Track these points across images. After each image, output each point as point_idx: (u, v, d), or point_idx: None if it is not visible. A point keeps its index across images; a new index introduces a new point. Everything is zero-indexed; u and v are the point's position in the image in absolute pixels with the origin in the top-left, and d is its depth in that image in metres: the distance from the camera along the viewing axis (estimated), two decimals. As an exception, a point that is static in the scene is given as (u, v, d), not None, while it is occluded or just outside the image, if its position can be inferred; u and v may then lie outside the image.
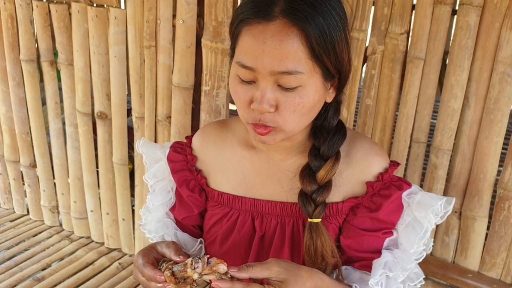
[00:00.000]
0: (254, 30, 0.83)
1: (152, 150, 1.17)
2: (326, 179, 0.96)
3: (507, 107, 1.51)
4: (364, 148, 1.01)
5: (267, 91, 0.85)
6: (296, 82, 0.84)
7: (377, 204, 0.99)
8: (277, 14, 0.82)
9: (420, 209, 0.97)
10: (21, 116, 2.36)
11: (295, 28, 0.81)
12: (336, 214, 1.01)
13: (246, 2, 0.87)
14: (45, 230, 2.48)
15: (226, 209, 1.08)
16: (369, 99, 1.69)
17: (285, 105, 0.86)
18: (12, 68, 2.27)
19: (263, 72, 0.84)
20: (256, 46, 0.83)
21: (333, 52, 0.85)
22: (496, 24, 1.48)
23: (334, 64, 0.87)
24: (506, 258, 1.61)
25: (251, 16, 0.84)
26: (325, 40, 0.83)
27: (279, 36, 0.81)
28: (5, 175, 2.58)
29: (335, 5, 0.85)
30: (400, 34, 1.61)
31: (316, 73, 0.86)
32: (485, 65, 1.52)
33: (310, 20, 0.81)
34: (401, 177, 1.06)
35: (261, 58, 0.83)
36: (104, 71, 2.00)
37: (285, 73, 0.83)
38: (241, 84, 0.88)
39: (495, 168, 1.58)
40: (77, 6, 1.96)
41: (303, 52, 0.82)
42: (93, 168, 2.24)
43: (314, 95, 0.87)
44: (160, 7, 1.78)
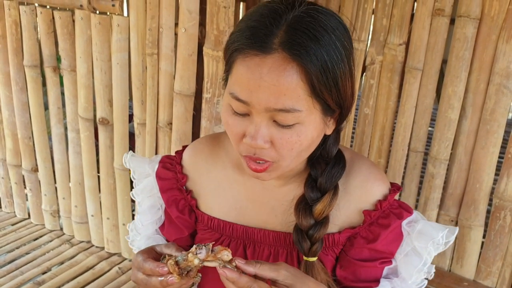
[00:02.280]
0: (250, 62, 0.76)
1: (140, 165, 1.10)
2: (323, 214, 0.89)
3: (503, 118, 1.54)
4: (362, 174, 0.94)
5: (261, 127, 0.79)
6: (293, 120, 0.78)
7: (375, 234, 0.92)
8: (276, 46, 0.75)
9: (420, 239, 0.91)
10: (23, 120, 2.38)
11: (294, 63, 0.74)
12: (332, 245, 0.95)
13: (242, 29, 0.79)
14: (46, 234, 2.49)
15: (216, 235, 1.01)
16: (367, 108, 1.71)
17: (281, 142, 0.80)
18: (15, 73, 2.29)
19: (258, 107, 0.77)
20: (251, 80, 0.76)
21: (335, 88, 0.78)
22: (493, 37, 1.50)
23: (336, 100, 0.80)
24: (502, 267, 1.63)
25: (248, 47, 0.76)
26: (327, 76, 0.76)
27: (277, 71, 0.74)
28: (7, 179, 2.60)
29: (340, 35, 0.78)
30: (399, 45, 1.63)
31: (316, 109, 0.79)
32: (482, 77, 1.54)
33: (312, 55, 0.74)
34: (402, 202, 0.98)
35: (256, 93, 0.76)
36: (107, 78, 2.03)
37: (282, 111, 0.76)
38: (234, 115, 0.82)
39: (491, 178, 1.60)
40: (81, 13, 1.99)
41: (302, 88, 0.75)
42: (94, 173, 2.26)
43: (313, 132, 0.81)
44: (163, 16, 1.80)
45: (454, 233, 0.91)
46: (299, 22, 0.76)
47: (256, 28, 0.77)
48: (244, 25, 0.80)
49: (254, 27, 0.77)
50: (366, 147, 1.75)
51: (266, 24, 0.76)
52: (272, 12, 0.77)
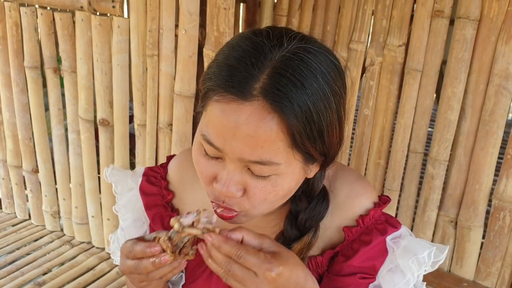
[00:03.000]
0: (226, 107, 0.68)
1: (122, 178, 1.05)
2: (301, 255, 0.84)
3: (502, 119, 1.54)
4: (344, 191, 0.88)
5: (234, 175, 0.72)
6: (269, 172, 0.71)
7: (354, 251, 0.87)
8: (256, 93, 0.67)
9: (404, 256, 0.85)
10: (24, 122, 2.38)
11: (275, 114, 0.67)
12: (316, 268, 0.90)
13: (221, 66, 0.71)
14: (46, 235, 2.50)
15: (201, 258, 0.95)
16: (367, 109, 1.72)
17: (254, 191, 0.73)
18: (16, 74, 2.29)
19: (231, 156, 0.71)
20: (226, 128, 0.69)
21: (320, 139, 0.71)
22: (492, 38, 1.51)
23: (320, 150, 0.73)
24: (501, 267, 1.64)
25: (224, 90, 0.68)
26: (311, 128, 0.69)
27: (255, 122, 0.67)
28: (7, 180, 2.60)
29: (330, 79, 0.71)
30: (398, 46, 1.64)
31: (296, 160, 0.72)
32: (481, 78, 1.55)
33: (296, 106, 0.67)
34: (390, 216, 0.91)
35: (230, 142, 0.69)
36: (107, 79, 2.03)
37: (258, 163, 0.70)
38: (205, 157, 0.75)
39: (490, 179, 1.61)
40: (81, 14, 1.99)
41: (282, 140, 0.69)
42: (95, 174, 2.26)
43: (290, 182, 0.75)
44: (163, 17, 1.81)
45: (443, 252, 0.85)
46: (286, 65, 0.68)
47: (235, 69, 0.69)
48: (223, 61, 0.71)
49: (234, 67, 0.69)
50: (366, 148, 1.75)
51: (247, 65, 0.68)
52: (256, 50, 0.69)
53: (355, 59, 1.70)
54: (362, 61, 1.71)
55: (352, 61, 1.70)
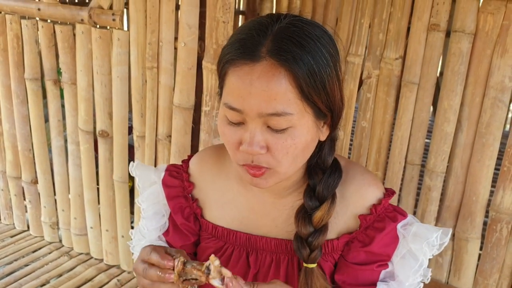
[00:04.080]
0: (240, 72, 0.80)
1: (146, 173, 1.12)
2: (322, 222, 0.92)
3: (498, 131, 1.55)
4: (357, 180, 0.97)
5: (256, 133, 0.81)
6: (286, 124, 0.81)
7: (370, 237, 0.95)
8: (263, 54, 0.79)
9: (415, 241, 0.93)
10: (23, 133, 2.40)
11: (282, 69, 0.78)
12: (331, 251, 0.98)
13: (232, 42, 0.84)
14: (45, 246, 2.50)
15: (220, 243, 1.04)
16: (364, 121, 1.73)
17: (276, 147, 0.82)
18: (16, 86, 2.31)
19: (251, 114, 0.80)
20: (242, 88, 0.80)
21: (324, 91, 0.82)
22: (488, 51, 1.52)
23: (326, 103, 0.84)
24: (499, 279, 1.64)
25: (237, 57, 0.81)
26: (315, 80, 0.80)
27: (266, 77, 0.78)
28: (6, 191, 2.61)
29: (325, 42, 0.83)
30: (395, 59, 1.65)
31: (307, 113, 0.82)
32: (477, 91, 1.56)
33: (298, 60, 0.78)
34: (396, 206, 1.01)
35: (248, 100, 0.80)
36: (107, 91, 2.05)
37: (274, 115, 0.79)
38: (230, 125, 0.85)
39: (487, 191, 1.61)
40: (82, 27, 2.01)
41: (292, 92, 0.79)
42: (94, 185, 2.27)
43: (307, 135, 0.84)
44: (163, 30, 1.83)
45: (447, 234, 0.93)
46: (285, 31, 0.81)
47: (244, 40, 0.82)
48: (234, 38, 0.85)
49: (243, 39, 0.82)
50: (364, 159, 1.76)
51: (254, 36, 0.81)
52: (259, 25, 0.83)
53: (352, 72, 1.72)
54: (359, 74, 1.72)
55: (350, 74, 1.72)
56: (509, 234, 1.59)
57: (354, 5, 1.69)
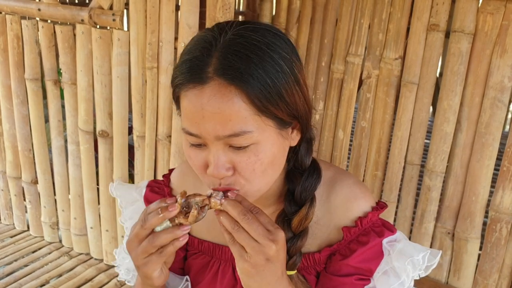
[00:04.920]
0: (190, 95, 0.77)
1: (127, 192, 1.10)
2: (301, 227, 0.89)
3: (498, 131, 1.56)
4: (344, 192, 0.93)
5: (219, 156, 0.78)
6: (247, 141, 0.77)
7: (352, 250, 0.91)
8: (210, 75, 0.75)
9: (399, 258, 0.90)
10: (24, 133, 2.40)
11: (232, 88, 0.74)
12: (314, 264, 0.95)
13: (181, 63, 0.80)
14: (44, 246, 2.50)
15: (207, 258, 1.02)
16: (364, 121, 1.74)
17: (241, 165, 0.79)
18: (16, 86, 2.31)
19: (209, 137, 0.77)
20: (195, 112, 0.76)
21: (282, 101, 0.78)
22: (487, 51, 1.53)
23: (287, 111, 0.79)
24: (498, 279, 1.64)
25: (186, 81, 0.77)
26: (270, 92, 0.76)
27: (216, 99, 0.74)
28: (6, 191, 2.61)
29: (277, 47, 0.78)
30: (395, 59, 1.66)
31: (269, 126, 0.78)
32: (476, 91, 1.56)
33: (247, 76, 0.74)
34: (386, 221, 0.96)
35: (203, 124, 0.76)
36: (107, 91, 2.05)
37: (232, 136, 0.76)
38: (193, 148, 0.82)
39: (487, 191, 1.61)
40: (82, 27, 2.02)
41: (246, 110, 0.75)
42: (94, 185, 2.27)
43: (272, 148, 0.80)
44: (163, 30, 1.83)
45: (436, 256, 0.90)
46: (230, 45, 0.76)
47: (190, 61, 0.78)
48: (181, 59, 0.81)
49: (189, 60, 0.78)
50: (363, 159, 1.77)
51: (198, 55, 0.77)
52: (203, 42, 0.78)
53: (352, 72, 1.72)
54: (359, 74, 1.73)
55: (349, 74, 1.72)
56: (508, 234, 1.59)
57: (354, 5, 1.70)
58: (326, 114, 1.82)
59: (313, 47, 1.83)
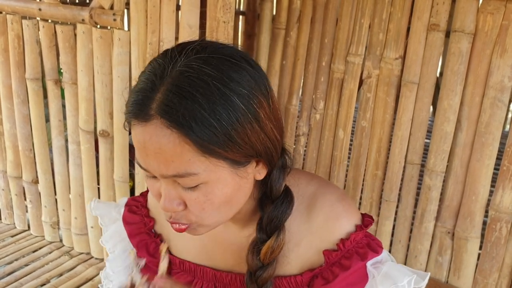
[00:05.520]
0: (135, 131, 0.72)
1: (107, 210, 1.07)
2: (270, 257, 0.84)
3: (498, 130, 1.56)
4: (324, 212, 0.86)
5: (169, 191, 0.74)
6: (193, 182, 0.72)
7: (334, 275, 0.85)
8: (153, 112, 0.69)
9: (384, 282, 0.84)
10: (24, 133, 2.40)
11: (174, 129, 0.68)
12: (296, 286, 0.89)
13: (131, 93, 0.75)
14: (45, 246, 2.50)
15: (189, 277, 0.99)
16: (364, 121, 1.74)
17: (190, 203, 0.75)
18: (17, 86, 2.31)
19: (155, 174, 0.74)
20: (140, 149, 0.72)
21: (232, 143, 0.70)
22: (487, 51, 1.53)
23: (240, 152, 0.72)
24: (498, 278, 1.64)
25: (131, 116, 0.72)
26: (215, 134, 0.68)
27: (157, 139, 0.69)
28: (7, 191, 2.61)
29: (231, 84, 0.70)
30: (395, 59, 1.66)
31: (220, 166, 0.72)
32: (476, 90, 1.57)
33: (188, 119, 0.67)
34: (372, 239, 0.89)
35: (148, 161, 0.72)
36: (107, 91, 2.05)
37: (177, 176, 0.71)
38: (148, 178, 0.78)
39: (487, 190, 1.62)
40: (82, 27, 2.02)
41: (190, 152, 0.69)
42: (94, 185, 2.27)
43: (223, 189, 0.74)
44: (163, 30, 1.83)
45: (424, 279, 0.85)
46: (176, 80, 0.69)
47: (137, 94, 0.72)
48: (133, 89, 0.75)
49: (136, 93, 0.72)
50: (364, 159, 1.77)
51: (145, 89, 0.71)
52: (153, 72, 0.72)
53: (352, 72, 1.72)
54: (359, 73, 1.73)
55: (349, 73, 1.73)
56: (508, 233, 1.60)
57: (354, 5, 1.70)
58: (327, 113, 1.82)
59: (314, 46, 1.83)
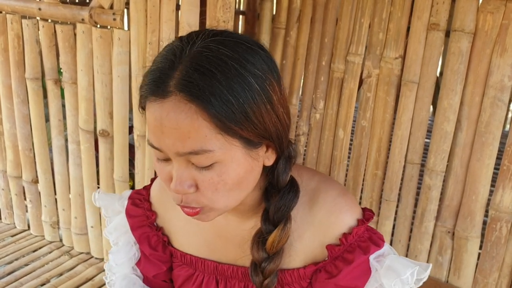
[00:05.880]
0: (152, 108, 0.73)
1: (111, 202, 1.08)
2: (275, 248, 0.85)
3: (498, 130, 1.56)
4: (327, 206, 0.88)
5: (181, 172, 0.75)
6: (208, 161, 0.73)
7: (338, 269, 0.87)
8: (172, 89, 0.71)
9: (388, 276, 0.86)
10: (24, 132, 2.40)
11: (192, 104, 0.70)
12: (298, 279, 0.91)
13: (147, 73, 0.76)
14: (45, 245, 2.50)
15: (191, 270, 1.00)
16: (364, 120, 1.74)
17: (203, 185, 0.75)
18: (17, 85, 2.31)
19: (169, 153, 0.74)
20: (156, 126, 0.73)
21: (248, 121, 0.72)
22: (487, 51, 1.53)
23: (254, 132, 0.74)
24: (498, 278, 1.64)
25: (149, 93, 0.74)
26: (233, 111, 0.70)
27: (175, 114, 0.70)
28: (7, 191, 2.61)
29: (247, 64, 0.73)
30: (395, 59, 1.66)
31: (234, 145, 0.74)
32: (476, 90, 1.57)
33: (208, 93, 0.69)
34: (373, 232, 0.91)
35: (163, 139, 0.73)
36: (107, 90, 2.05)
37: (192, 153, 0.72)
38: (159, 162, 0.79)
39: (487, 190, 1.62)
40: (82, 27, 2.02)
41: (207, 128, 0.71)
42: (94, 185, 2.27)
43: (237, 169, 0.75)
44: (163, 29, 1.83)
45: (427, 270, 0.86)
46: (195, 59, 0.72)
47: (155, 72, 0.74)
48: (148, 69, 0.77)
49: (154, 71, 0.75)
50: (364, 159, 1.77)
51: (162, 67, 0.73)
52: (171, 53, 0.74)
53: (352, 71, 1.72)
54: (359, 73, 1.73)
55: (350, 73, 1.73)
56: (508, 233, 1.60)
57: (354, 5, 1.70)
58: (327, 113, 1.82)
59: (314, 46, 1.83)
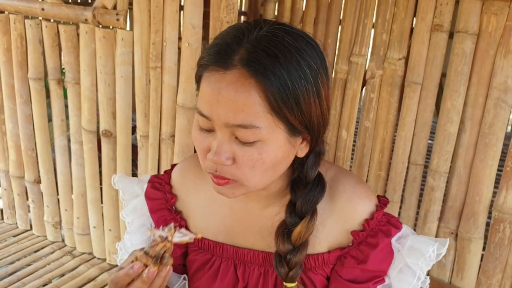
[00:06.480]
0: (211, 78, 0.78)
1: (129, 185, 1.11)
2: (301, 240, 0.88)
3: (501, 131, 1.56)
4: (347, 193, 0.93)
5: (223, 143, 0.79)
6: (253, 137, 0.78)
7: (364, 254, 0.92)
8: (235, 63, 0.76)
9: (411, 255, 0.91)
10: (27, 132, 2.40)
11: (252, 80, 0.75)
12: (322, 265, 0.95)
13: (210, 46, 0.82)
14: (47, 246, 2.50)
15: (207, 255, 1.02)
16: (368, 121, 1.74)
17: (242, 160, 0.79)
18: (19, 85, 2.32)
19: (218, 122, 0.78)
20: (211, 95, 0.77)
21: (297, 107, 0.78)
22: (491, 52, 1.53)
23: (300, 119, 0.79)
24: (502, 279, 1.64)
25: (210, 63, 0.79)
26: (287, 95, 0.76)
27: (234, 87, 0.75)
28: (9, 191, 2.61)
29: (306, 55, 0.79)
30: (398, 60, 1.66)
31: (279, 128, 0.79)
32: (480, 91, 1.56)
33: (270, 72, 0.75)
34: (391, 216, 0.97)
35: (216, 108, 0.77)
36: (110, 90, 2.05)
37: (241, 127, 0.77)
38: (201, 131, 0.83)
39: (490, 191, 1.62)
40: (85, 27, 2.02)
41: (261, 105, 0.76)
42: (97, 185, 2.28)
43: (277, 151, 0.80)
44: (166, 30, 1.83)
45: (445, 245, 0.92)
46: (261, 40, 0.77)
47: (220, 46, 0.80)
48: (212, 43, 0.83)
49: (219, 45, 0.80)
50: (367, 160, 1.77)
51: (229, 43, 0.79)
52: (237, 31, 0.80)
53: (356, 72, 1.72)
54: (362, 74, 1.73)
55: (353, 74, 1.73)
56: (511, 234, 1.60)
57: (358, 6, 1.70)
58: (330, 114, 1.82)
59: (317, 47, 1.83)
